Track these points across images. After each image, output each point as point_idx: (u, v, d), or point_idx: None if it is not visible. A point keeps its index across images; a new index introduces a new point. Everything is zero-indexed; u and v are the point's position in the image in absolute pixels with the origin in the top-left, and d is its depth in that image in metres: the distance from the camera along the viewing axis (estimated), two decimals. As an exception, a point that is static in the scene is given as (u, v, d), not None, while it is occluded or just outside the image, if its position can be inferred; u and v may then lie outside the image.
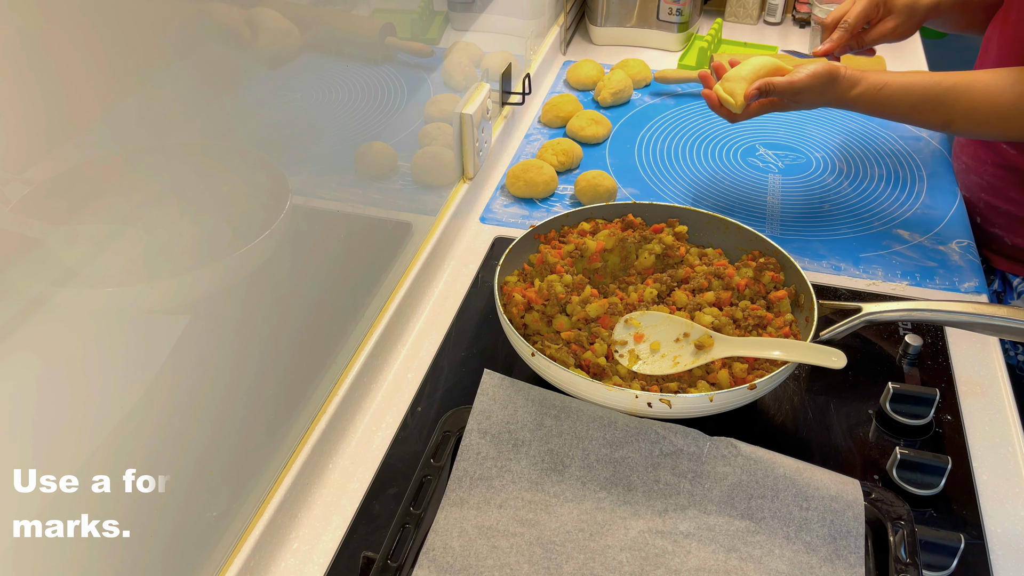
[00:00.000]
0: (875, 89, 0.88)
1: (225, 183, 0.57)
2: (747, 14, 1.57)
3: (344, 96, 0.71)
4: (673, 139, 1.22)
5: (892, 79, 0.89)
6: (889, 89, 0.88)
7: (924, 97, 0.87)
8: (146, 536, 0.53)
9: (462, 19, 0.98)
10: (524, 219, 1.04)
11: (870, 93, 0.88)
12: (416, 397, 0.80)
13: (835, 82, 0.88)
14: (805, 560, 0.60)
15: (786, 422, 0.77)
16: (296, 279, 0.68)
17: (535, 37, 1.30)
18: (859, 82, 0.89)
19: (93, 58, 0.43)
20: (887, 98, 0.88)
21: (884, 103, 0.89)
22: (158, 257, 0.51)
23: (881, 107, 0.89)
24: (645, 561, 0.60)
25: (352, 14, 0.73)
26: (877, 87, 0.88)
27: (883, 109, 0.89)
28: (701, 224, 0.88)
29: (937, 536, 0.63)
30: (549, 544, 0.61)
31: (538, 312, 0.77)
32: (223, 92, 0.56)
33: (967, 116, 0.87)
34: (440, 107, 0.93)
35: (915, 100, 0.88)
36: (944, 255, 0.97)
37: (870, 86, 0.88)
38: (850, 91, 0.89)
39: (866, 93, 0.89)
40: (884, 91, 0.88)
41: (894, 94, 0.88)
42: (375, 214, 0.83)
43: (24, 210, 0.41)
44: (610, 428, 0.67)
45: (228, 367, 0.60)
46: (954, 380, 0.80)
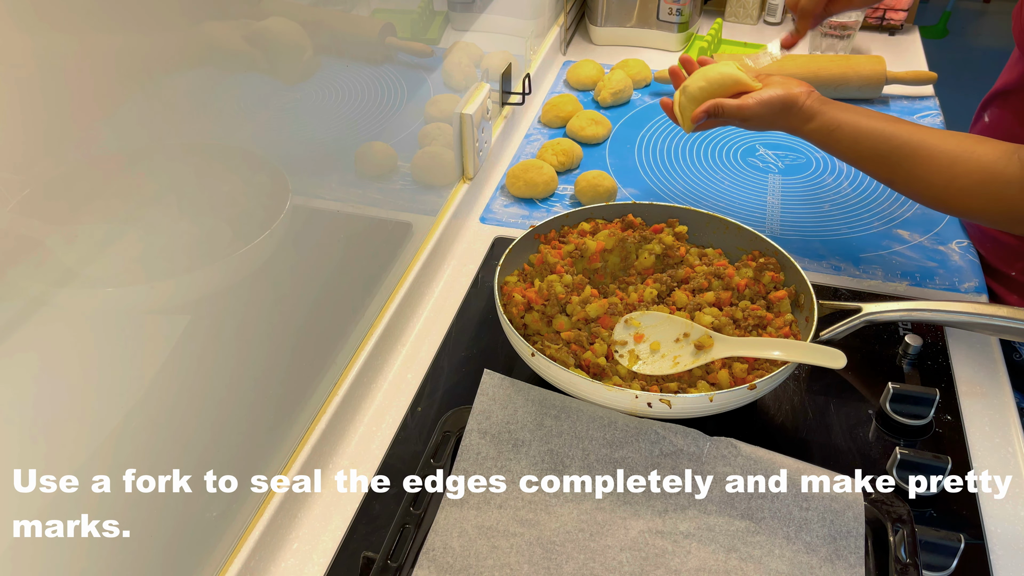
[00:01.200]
0: (827, 130, 0.83)
1: (225, 183, 0.57)
2: (747, 14, 1.57)
3: (344, 96, 0.71)
4: (673, 139, 1.22)
5: (848, 120, 0.82)
6: (841, 132, 0.82)
7: (872, 150, 0.81)
8: (146, 536, 0.53)
9: (462, 19, 0.98)
10: (524, 219, 1.04)
11: (822, 132, 0.83)
12: (416, 397, 0.80)
13: (788, 112, 0.84)
14: (805, 560, 0.60)
15: (786, 422, 0.77)
16: (296, 279, 0.68)
17: (535, 37, 1.30)
18: (814, 117, 0.83)
19: (93, 58, 0.43)
20: (837, 141, 0.83)
21: (834, 145, 0.84)
22: (158, 257, 0.51)
23: (831, 148, 0.84)
24: (645, 561, 0.60)
25: (352, 14, 0.73)
26: (830, 128, 0.82)
27: (833, 150, 0.84)
28: (701, 224, 0.88)
29: (937, 536, 0.63)
30: (549, 544, 0.61)
31: (538, 312, 0.77)
32: (223, 92, 0.56)
33: (906, 182, 0.81)
34: (440, 107, 0.93)
35: (863, 150, 0.82)
36: (944, 255, 0.97)
37: (824, 124, 0.83)
38: (804, 125, 0.84)
39: (819, 130, 0.83)
40: (835, 134, 0.82)
41: (844, 138, 0.82)
42: (375, 214, 0.83)
43: (24, 210, 0.41)
44: (610, 428, 0.67)
45: (228, 367, 0.60)
46: (954, 380, 0.80)
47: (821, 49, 1.40)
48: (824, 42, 1.39)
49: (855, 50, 1.43)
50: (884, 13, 1.49)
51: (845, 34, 1.37)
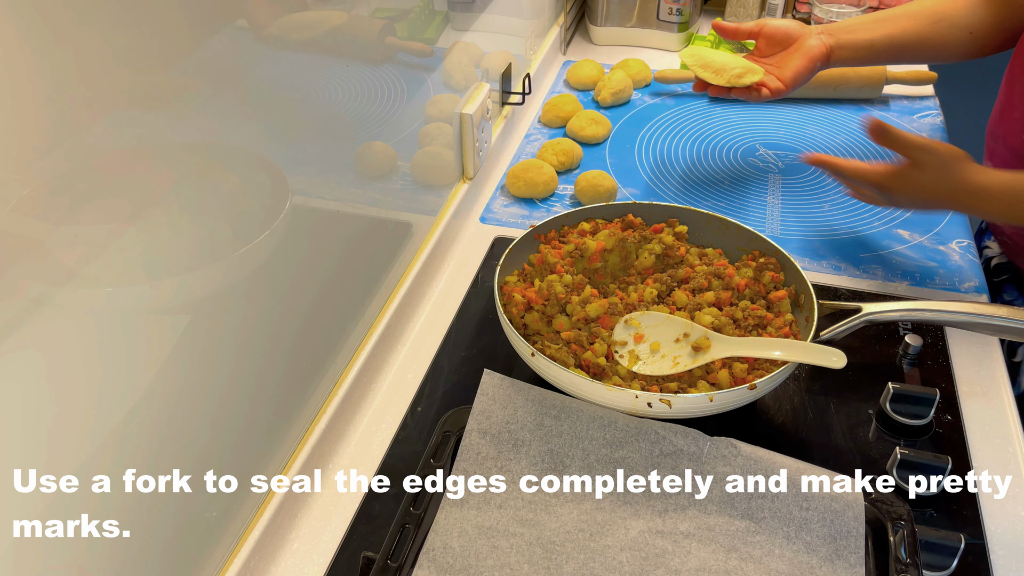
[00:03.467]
0: None
1: (225, 183, 0.57)
2: (747, 14, 1.57)
3: (344, 96, 0.71)
4: (673, 139, 1.22)
5: None
6: None
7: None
8: (146, 536, 0.53)
9: (462, 19, 0.98)
10: (524, 219, 1.04)
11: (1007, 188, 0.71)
12: (416, 397, 0.80)
13: (958, 164, 0.71)
14: (805, 560, 0.60)
15: (786, 422, 0.77)
16: (296, 279, 0.68)
17: (535, 37, 1.30)
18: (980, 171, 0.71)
19: (93, 58, 0.43)
20: None
21: None
22: (158, 257, 0.51)
23: None
24: (645, 561, 0.60)
25: (352, 14, 0.73)
26: None
27: None
28: (701, 224, 0.88)
29: (937, 536, 0.63)
30: (549, 544, 0.61)
31: (538, 312, 0.77)
32: (223, 92, 0.56)
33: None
34: (440, 107, 0.93)
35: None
36: (944, 255, 0.97)
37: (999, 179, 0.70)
38: (978, 176, 0.71)
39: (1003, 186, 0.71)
40: None
41: None
42: (375, 214, 0.83)
43: (24, 210, 0.41)
44: (610, 428, 0.67)
45: (228, 367, 0.60)
46: (954, 380, 0.80)
47: (821, 49, 1.40)
48: (824, 42, 1.39)
49: (855, 50, 1.43)
50: (884, 13, 1.49)
51: (845, 34, 1.37)
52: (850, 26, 0.95)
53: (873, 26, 0.94)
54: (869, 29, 0.94)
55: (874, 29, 0.94)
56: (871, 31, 0.94)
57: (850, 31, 0.94)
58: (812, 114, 1.27)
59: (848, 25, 0.95)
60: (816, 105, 1.30)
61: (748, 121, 1.26)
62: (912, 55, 0.97)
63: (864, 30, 0.94)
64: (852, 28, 0.95)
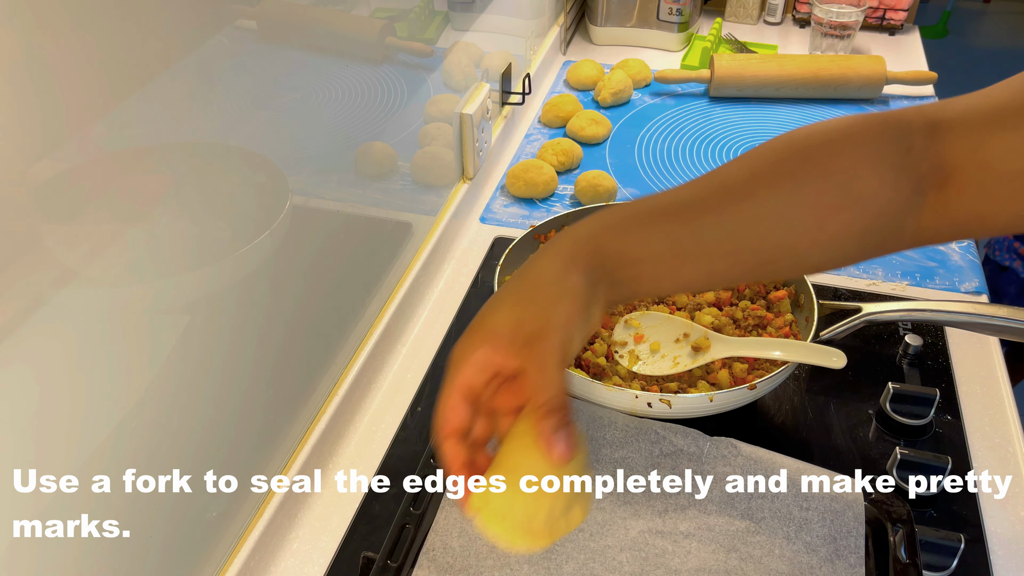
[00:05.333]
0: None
1: (225, 183, 0.57)
2: (747, 14, 1.57)
3: (344, 96, 0.71)
4: (673, 139, 1.22)
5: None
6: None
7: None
8: (146, 536, 0.53)
9: (462, 19, 0.98)
10: (524, 219, 1.04)
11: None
12: (416, 397, 0.80)
13: None
14: (805, 560, 0.59)
15: (786, 422, 0.77)
16: (296, 279, 0.68)
17: (535, 37, 1.30)
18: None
19: (93, 58, 0.43)
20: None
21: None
22: (158, 257, 0.51)
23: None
24: (645, 561, 0.60)
25: (352, 14, 0.73)
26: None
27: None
28: (701, 224, 0.87)
29: (937, 536, 0.63)
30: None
31: (538, 312, 0.77)
32: (223, 92, 0.56)
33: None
34: (440, 107, 0.93)
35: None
36: (944, 255, 0.97)
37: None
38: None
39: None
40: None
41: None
42: (375, 214, 0.83)
43: (24, 210, 0.41)
44: (610, 428, 0.67)
45: (228, 367, 0.60)
46: (954, 380, 0.80)
47: (821, 49, 1.40)
48: (824, 42, 1.39)
49: (855, 50, 1.43)
50: (884, 13, 1.49)
51: (845, 34, 1.37)
52: (635, 258, 0.49)
53: (673, 264, 0.49)
54: (662, 270, 0.50)
55: (672, 271, 0.50)
56: (663, 277, 0.50)
57: (634, 277, 0.49)
58: (812, 114, 1.27)
59: (634, 256, 0.49)
60: (816, 105, 1.30)
61: (748, 121, 1.26)
62: None
63: (655, 272, 0.49)
64: (638, 266, 0.49)
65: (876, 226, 0.48)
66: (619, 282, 0.49)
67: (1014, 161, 0.45)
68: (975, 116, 0.47)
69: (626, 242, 0.48)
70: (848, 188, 0.47)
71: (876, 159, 0.48)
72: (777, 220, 0.48)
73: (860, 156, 0.48)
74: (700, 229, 0.48)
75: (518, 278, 0.49)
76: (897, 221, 0.48)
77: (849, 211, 0.48)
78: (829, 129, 0.51)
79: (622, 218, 0.49)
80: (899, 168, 0.48)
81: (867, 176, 0.47)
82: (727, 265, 0.50)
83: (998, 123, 0.46)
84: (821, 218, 0.48)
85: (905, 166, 0.48)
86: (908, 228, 0.49)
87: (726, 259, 0.50)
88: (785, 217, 0.48)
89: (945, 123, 0.48)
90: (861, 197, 0.48)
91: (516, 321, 0.46)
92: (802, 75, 1.28)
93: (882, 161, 0.48)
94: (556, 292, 0.46)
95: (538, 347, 0.45)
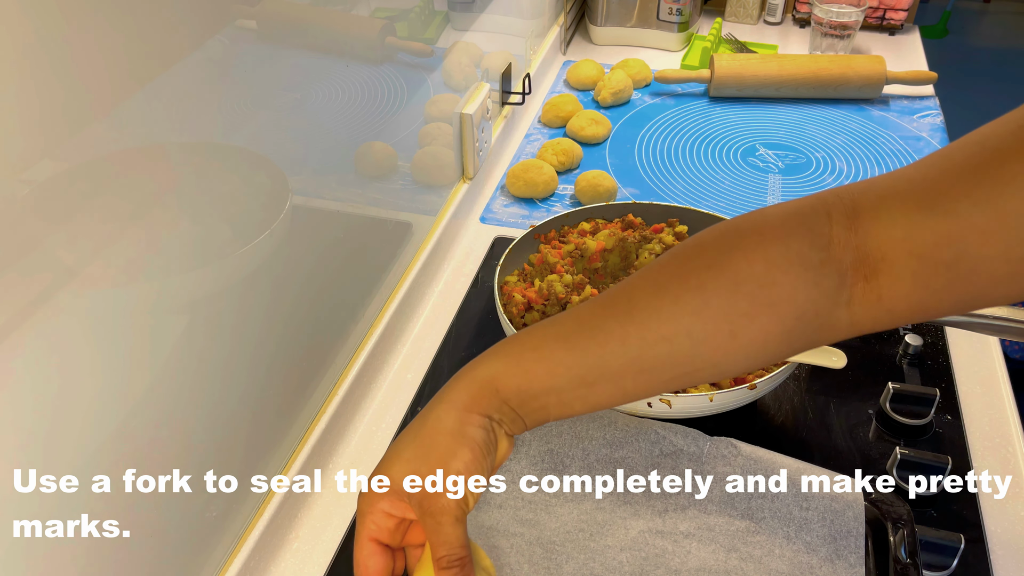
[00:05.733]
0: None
1: (225, 183, 0.57)
2: (747, 14, 1.57)
3: (344, 96, 0.71)
4: (673, 139, 1.22)
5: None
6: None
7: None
8: (146, 536, 0.53)
9: (462, 19, 0.98)
10: (524, 219, 1.04)
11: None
12: (416, 397, 0.80)
13: None
14: (805, 560, 0.60)
15: (786, 422, 0.77)
16: (296, 279, 0.68)
17: (535, 37, 1.30)
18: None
19: (93, 58, 0.43)
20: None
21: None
22: (158, 257, 0.51)
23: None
24: (645, 561, 0.60)
25: (352, 14, 0.73)
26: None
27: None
28: (701, 224, 0.88)
29: (937, 536, 0.63)
30: (549, 544, 0.61)
31: (538, 312, 0.77)
32: (223, 92, 0.56)
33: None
34: (440, 107, 0.93)
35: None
36: (944, 255, 0.97)
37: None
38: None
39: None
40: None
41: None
42: (375, 214, 0.83)
43: (24, 210, 0.41)
44: (610, 428, 0.67)
45: (228, 367, 0.60)
46: (954, 380, 0.80)
47: (821, 49, 1.40)
48: (824, 42, 1.39)
49: (855, 50, 1.43)
50: (884, 13, 1.49)
51: (845, 34, 1.37)
52: (539, 390, 0.48)
53: (580, 391, 0.48)
54: (569, 398, 0.48)
55: (581, 397, 0.49)
56: (573, 403, 0.49)
57: (541, 407, 0.49)
58: (812, 114, 1.27)
59: (537, 390, 0.48)
60: (816, 105, 1.30)
61: (748, 121, 1.26)
62: None
63: (562, 400, 0.48)
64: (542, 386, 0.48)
65: (800, 326, 0.46)
66: (527, 415, 0.49)
67: (947, 250, 0.42)
68: (898, 202, 0.44)
69: (527, 378, 0.48)
70: (759, 295, 0.45)
71: (790, 259, 0.45)
72: (686, 336, 0.46)
73: (771, 259, 0.45)
74: (603, 355, 0.47)
75: (417, 428, 0.49)
76: (823, 318, 0.46)
77: (764, 317, 0.46)
78: (738, 230, 0.48)
79: (520, 352, 0.49)
80: (817, 265, 0.45)
81: (780, 279, 0.45)
82: (639, 383, 0.48)
83: (924, 208, 0.43)
84: (733, 328, 0.46)
85: (825, 261, 0.45)
86: (841, 321, 0.47)
87: (637, 378, 0.48)
88: (694, 332, 0.46)
89: (867, 210, 0.45)
90: (776, 302, 0.45)
91: (412, 477, 0.47)
92: (802, 75, 1.28)
93: (798, 260, 0.45)
94: (452, 444, 0.47)
95: (432, 506, 0.46)
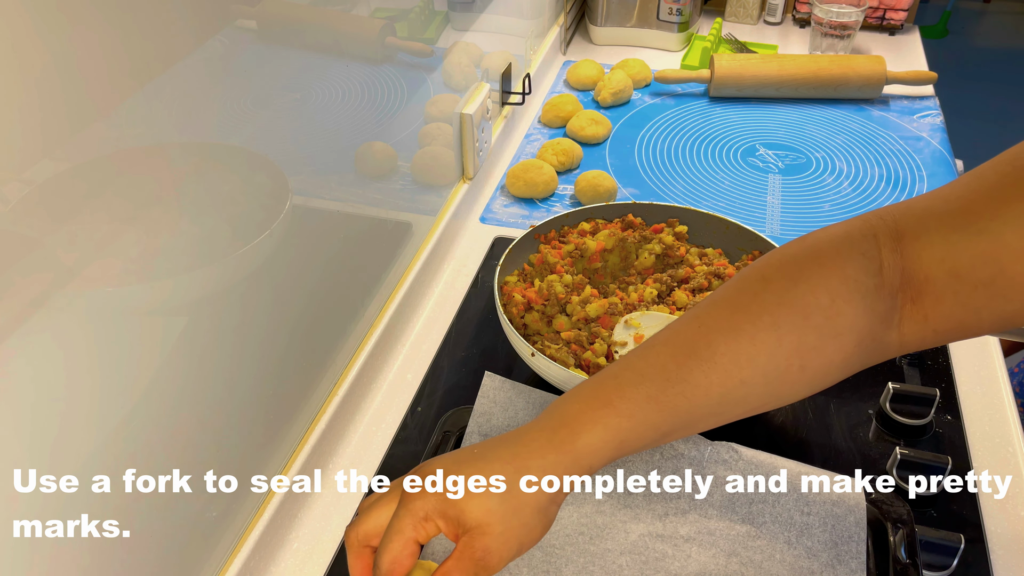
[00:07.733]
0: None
1: (225, 183, 0.57)
2: (747, 14, 1.57)
3: (344, 96, 0.71)
4: (673, 139, 1.22)
5: None
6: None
7: None
8: (146, 536, 0.53)
9: (462, 19, 0.98)
10: (524, 219, 1.04)
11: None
12: (416, 397, 0.80)
13: None
14: (806, 565, 0.59)
15: (786, 423, 0.77)
16: (296, 279, 0.68)
17: (535, 37, 1.30)
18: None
19: (93, 58, 0.43)
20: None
21: None
22: (158, 257, 0.51)
23: None
24: (645, 565, 0.60)
25: (352, 14, 0.73)
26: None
27: None
28: (701, 224, 0.88)
29: (937, 536, 0.63)
30: (548, 547, 0.61)
31: (538, 312, 0.77)
32: (223, 92, 0.56)
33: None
34: (440, 107, 0.93)
35: None
36: (944, 255, 0.97)
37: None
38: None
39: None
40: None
41: None
42: (375, 214, 0.83)
43: (24, 210, 0.41)
44: (610, 428, 0.66)
45: (228, 367, 0.60)
46: (954, 380, 0.80)
47: (821, 49, 1.40)
48: (824, 42, 1.39)
49: (855, 50, 1.43)
50: (884, 13, 1.49)
51: (845, 34, 1.37)
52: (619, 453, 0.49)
53: (658, 441, 0.50)
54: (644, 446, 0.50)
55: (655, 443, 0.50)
56: None
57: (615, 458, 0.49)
58: (812, 114, 1.27)
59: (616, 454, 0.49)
60: (816, 105, 1.30)
61: (748, 121, 1.26)
62: None
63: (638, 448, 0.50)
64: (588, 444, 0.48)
65: (858, 352, 0.48)
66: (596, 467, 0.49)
67: (983, 269, 0.44)
68: (935, 222, 0.47)
69: (620, 451, 0.48)
70: (825, 327, 0.47)
71: (850, 287, 0.47)
72: (762, 377, 0.47)
73: (833, 289, 0.47)
74: (690, 408, 0.48)
75: (511, 482, 0.47)
76: (878, 341, 0.48)
77: (830, 347, 0.47)
78: (797, 260, 0.50)
79: (617, 424, 0.47)
80: (873, 290, 0.47)
81: (844, 309, 0.47)
82: (708, 425, 0.50)
83: (960, 229, 0.45)
84: (803, 362, 0.47)
85: (879, 286, 0.47)
86: (892, 342, 0.48)
87: (708, 420, 0.50)
88: (768, 372, 0.47)
89: (908, 232, 0.47)
90: (841, 332, 0.47)
91: (502, 536, 0.46)
92: (802, 75, 1.28)
93: (856, 288, 0.47)
94: (533, 522, 0.47)
95: (489, 563, 0.46)
